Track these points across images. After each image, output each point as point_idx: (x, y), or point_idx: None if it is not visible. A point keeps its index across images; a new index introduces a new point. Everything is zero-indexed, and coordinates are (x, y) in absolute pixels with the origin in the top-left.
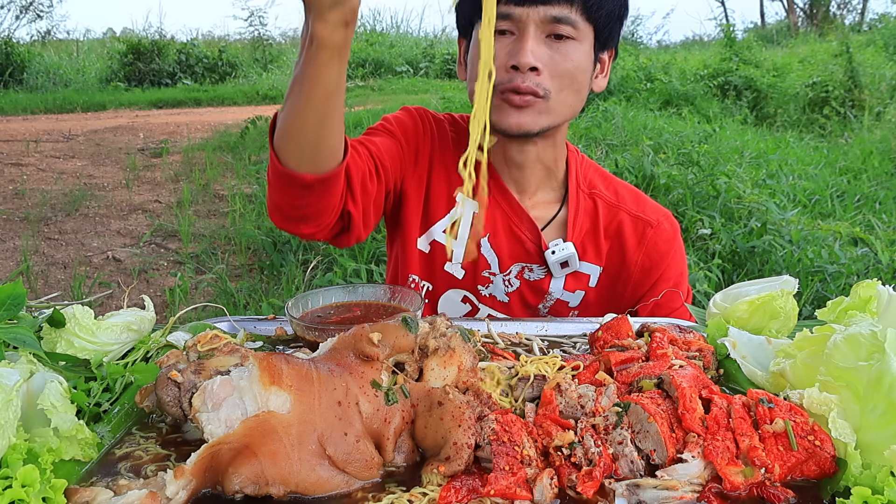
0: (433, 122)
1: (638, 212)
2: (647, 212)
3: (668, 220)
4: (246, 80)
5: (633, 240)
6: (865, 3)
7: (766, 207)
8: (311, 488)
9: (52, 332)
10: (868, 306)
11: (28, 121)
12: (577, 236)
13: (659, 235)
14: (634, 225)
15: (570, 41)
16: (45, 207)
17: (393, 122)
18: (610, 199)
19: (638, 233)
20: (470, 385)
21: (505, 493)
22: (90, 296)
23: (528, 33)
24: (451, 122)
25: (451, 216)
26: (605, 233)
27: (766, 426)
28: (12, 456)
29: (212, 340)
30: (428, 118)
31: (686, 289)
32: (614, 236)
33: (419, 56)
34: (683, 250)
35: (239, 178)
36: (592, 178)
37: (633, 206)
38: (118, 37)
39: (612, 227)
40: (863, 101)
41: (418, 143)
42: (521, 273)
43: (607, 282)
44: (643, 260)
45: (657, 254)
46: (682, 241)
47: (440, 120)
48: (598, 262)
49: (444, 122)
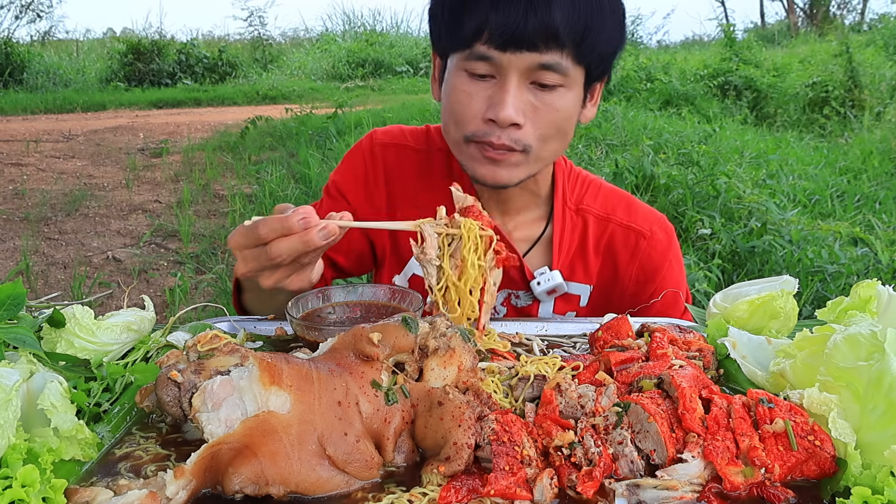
0: (383, 157)
1: (629, 222)
2: (639, 221)
3: (662, 227)
4: (246, 80)
5: (625, 253)
6: (865, 3)
7: (766, 207)
8: (311, 488)
9: (52, 332)
10: (868, 306)
11: (28, 121)
12: (563, 258)
13: (653, 247)
14: (626, 237)
15: (557, 89)
16: (45, 207)
17: (332, 188)
18: (598, 212)
19: (630, 245)
20: (470, 385)
21: (505, 493)
22: (90, 296)
23: (510, 82)
24: (420, 139)
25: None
26: (594, 249)
27: (766, 426)
28: (12, 456)
29: (212, 340)
30: (376, 155)
31: (685, 295)
32: (605, 251)
33: (419, 56)
34: (680, 257)
35: (239, 178)
36: (580, 190)
37: (624, 217)
38: (118, 37)
39: (603, 243)
40: (863, 101)
41: (368, 190)
42: (507, 300)
43: (600, 298)
44: (637, 273)
45: (651, 266)
46: (679, 246)
47: (400, 147)
48: (588, 281)
49: (407, 147)
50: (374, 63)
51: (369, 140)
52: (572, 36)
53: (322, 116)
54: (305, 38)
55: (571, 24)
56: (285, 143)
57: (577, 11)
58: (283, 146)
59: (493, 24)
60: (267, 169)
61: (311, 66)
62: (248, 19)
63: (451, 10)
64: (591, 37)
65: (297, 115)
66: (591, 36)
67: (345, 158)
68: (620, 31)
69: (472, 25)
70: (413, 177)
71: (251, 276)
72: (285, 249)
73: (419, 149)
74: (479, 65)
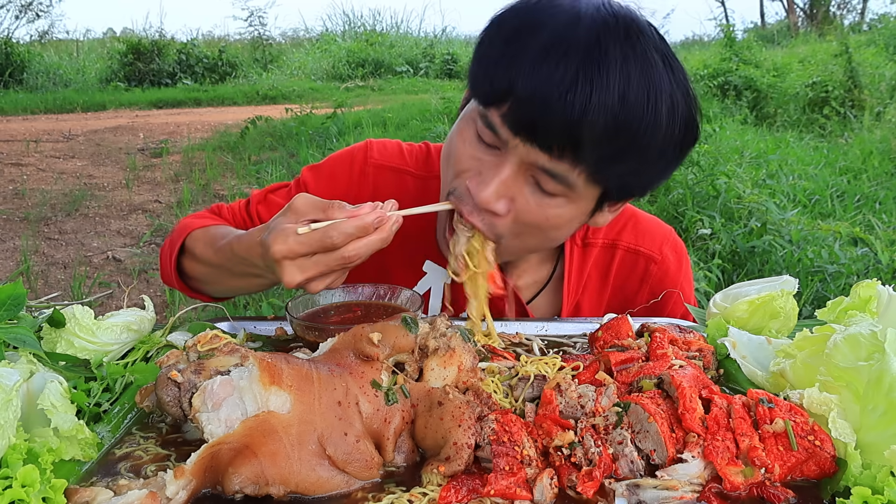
0: (375, 180)
1: (638, 246)
2: (647, 244)
3: (672, 247)
4: (246, 80)
5: (634, 279)
6: (865, 3)
7: (765, 207)
8: (311, 488)
9: (52, 332)
10: (868, 306)
11: (28, 121)
12: (571, 299)
13: (665, 271)
14: (635, 263)
15: (556, 198)
16: (45, 207)
17: (303, 187)
18: (603, 240)
19: (639, 272)
20: (470, 385)
21: (505, 493)
22: (90, 296)
23: (507, 167)
24: (420, 163)
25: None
26: (602, 280)
27: (766, 426)
28: (12, 456)
29: (212, 340)
30: (366, 176)
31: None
32: (613, 280)
33: (419, 56)
34: (690, 274)
35: (239, 178)
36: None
37: (632, 239)
38: (118, 37)
39: (611, 272)
40: (863, 101)
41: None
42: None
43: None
44: (648, 298)
45: (662, 290)
46: (689, 262)
47: (397, 172)
48: (597, 314)
49: (405, 172)
50: (374, 63)
51: (363, 155)
52: (595, 157)
53: (322, 116)
54: (305, 38)
55: (602, 141)
56: (285, 143)
57: (617, 130)
58: (283, 146)
59: (516, 97)
60: (267, 169)
61: (311, 66)
62: (248, 19)
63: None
64: (619, 166)
65: (297, 115)
66: (620, 165)
67: (330, 162)
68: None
69: (500, 82)
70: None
71: (306, 284)
72: (363, 249)
73: (418, 175)
74: (486, 132)
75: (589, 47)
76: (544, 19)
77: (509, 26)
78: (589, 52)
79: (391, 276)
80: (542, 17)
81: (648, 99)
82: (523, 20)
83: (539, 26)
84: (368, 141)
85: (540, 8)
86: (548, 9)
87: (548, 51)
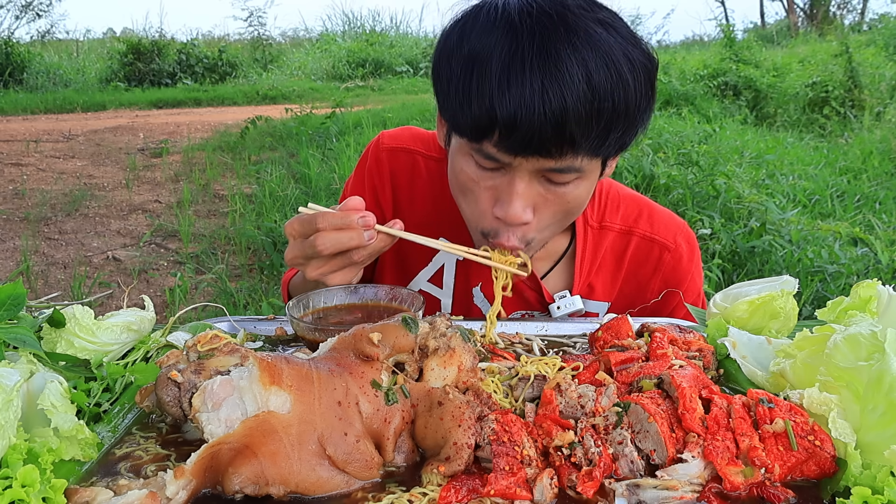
0: (390, 162)
1: (653, 234)
2: (662, 232)
3: (686, 238)
4: (246, 80)
5: (648, 266)
6: (865, 3)
7: (765, 207)
8: (311, 488)
9: (52, 332)
10: (868, 306)
11: (28, 121)
12: (583, 279)
13: (678, 260)
14: (650, 250)
15: (568, 184)
16: (45, 207)
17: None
18: (620, 226)
19: (653, 258)
20: (470, 385)
21: (505, 493)
22: (90, 296)
23: (519, 181)
24: (432, 146)
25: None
26: (616, 264)
27: (766, 426)
28: (12, 456)
29: (212, 340)
30: (381, 162)
31: (701, 301)
32: (627, 266)
33: (419, 56)
34: (700, 266)
35: (239, 178)
36: (600, 206)
37: (647, 227)
38: (118, 37)
39: (625, 257)
40: (863, 101)
41: (377, 200)
42: (521, 318)
43: (620, 312)
44: (660, 286)
45: (675, 279)
46: (700, 254)
47: (410, 152)
48: (608, 298)
49: (417, 153)
50: (374, 63)
51: (375, 145)
52: (591, 140)
53: (322, 116)
54: (305, 38)
55: (590, 127)
56: (285, 143)
57: (598, 112)
58: (283, 146)
59: (502, 126)
60: (267, 169)
61: (311, 66)
62: (247, 19)
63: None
64: (612, 136)
65: (297, 115)
66: (612, 135)
67: (358, 163)
68: (647, 117)
69: (481, 121)
70: (424, 185)
71: (295, 263)
72: (329, 242)
73: (428, 155)
74: (486, 162)
75: (541, 55)
76: (488, 42)
77: (460, 56)
78: (543, 60)
79: (406, 252)
80: (484, 39)
81: (609, 70)
82: (472, 47)
83: (487, 52)
84: (381, 133)
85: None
86: (485, 24)
87: (507, 74)
